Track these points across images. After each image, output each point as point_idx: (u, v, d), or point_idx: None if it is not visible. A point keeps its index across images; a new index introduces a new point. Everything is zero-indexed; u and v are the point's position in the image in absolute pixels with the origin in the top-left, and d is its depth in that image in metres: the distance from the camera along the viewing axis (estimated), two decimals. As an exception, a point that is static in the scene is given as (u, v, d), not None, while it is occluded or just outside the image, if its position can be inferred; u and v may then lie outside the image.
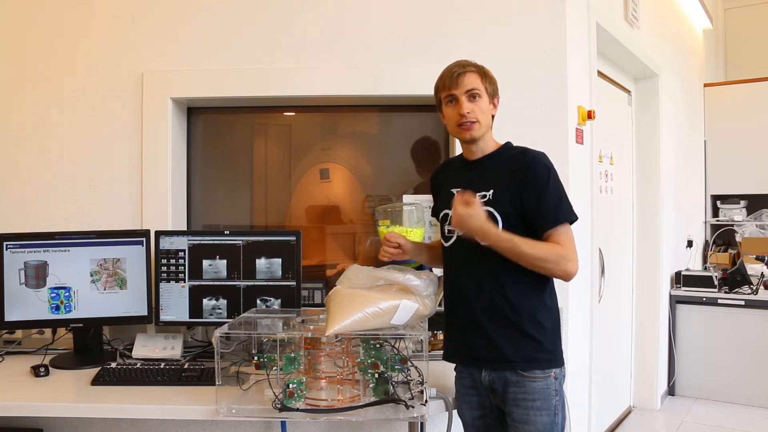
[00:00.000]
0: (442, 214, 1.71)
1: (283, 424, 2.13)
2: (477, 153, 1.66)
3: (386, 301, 1.52)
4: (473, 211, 1.50)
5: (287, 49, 2.31)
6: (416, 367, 1.54)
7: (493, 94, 1.65)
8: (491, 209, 1.57)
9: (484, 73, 1.63)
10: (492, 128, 1.68)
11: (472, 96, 1.60)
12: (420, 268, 2.18)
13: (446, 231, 1.68)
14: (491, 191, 1.59)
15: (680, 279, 3.96)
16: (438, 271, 2.30)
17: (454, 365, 1.72)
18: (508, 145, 1.68)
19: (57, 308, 2.05)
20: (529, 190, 1.55)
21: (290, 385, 1.50)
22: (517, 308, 1.55)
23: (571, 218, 1.58)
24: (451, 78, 1.61)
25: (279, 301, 2.06)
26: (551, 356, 1.58)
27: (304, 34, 2.31)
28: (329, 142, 2.59)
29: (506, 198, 1.57)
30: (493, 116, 1.66)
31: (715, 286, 3.87)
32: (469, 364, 1.65)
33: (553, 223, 1.54)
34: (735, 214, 4.62)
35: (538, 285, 1.58)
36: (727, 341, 3.84)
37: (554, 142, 2.29)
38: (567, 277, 1.55)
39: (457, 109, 1.60)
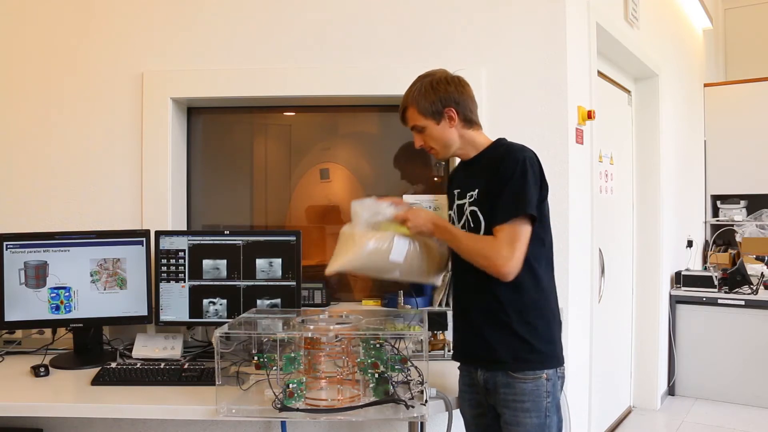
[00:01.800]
0: (448, 214, 1.73)
1: (283, 424, 2.13)
2: (465, 157, 1.68)
3: (381, 239, 1.59)
4: (416, 211, 1.63)
5: (287, 49, 2.31)
6: (416, 367, 1.54)
7: (439, 112, 1.59)
8: (476, 208, 1.58)
9: (417, 103, 1.60)
10: (477, 128, 1.66)
11: (417, 130, 1.64)
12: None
13: None
14: (476, 191, 1.59)
15: (680, 279, 3.96)
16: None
17: (458, 364, 1.73)
18: (497, 142, 1.65)
19: (57, 308, 2.05)
20: (494, 184, 1.54)
21: (290, 385, 1.50)
22: (505, 308, 1.55)
23: (524, 212, 1.49)
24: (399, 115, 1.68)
25: (279, 301, 2.06)
26: (541, 357, 1.55)
27: (304, 34, 2.31)
28: (329, 142, 2.59)
29: (486, 197, 1.56)
30: (458, 125, 1.61)
31: (715, 286, 3.87)
32: (467, 362, 1.67)
33: (502, 218, 1.50)
34: (735, 214, 4.62)
35: (529, 284, 1.56)
36: (727, 341, 3.84)
37: (554, 142, 2.30)
38: (501, 277, 1.50)
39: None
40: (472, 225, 1.59)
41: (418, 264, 1.65)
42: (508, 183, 1.50)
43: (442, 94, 1.60)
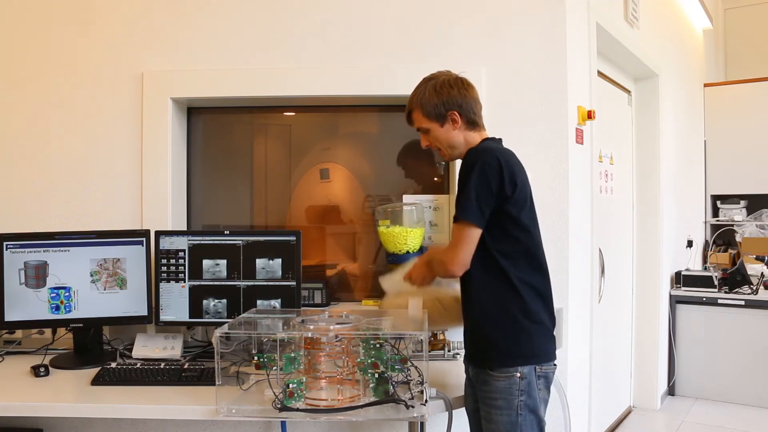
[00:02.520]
0: None
1: (283, 424, 2.13)
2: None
3: (398, 305, 1.80)
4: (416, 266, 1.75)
5: (287, 49, 2.31)
6: (416, 367, 1.54)
7: (442, 115, 1.65)
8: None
9: (421, 105, 1.66)
10: (480, 130, 1.70)
11: (423, 131, 1.70)
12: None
13: None
14: (456, 192, 1.64)
15: (680, 279, 3.96)
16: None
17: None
18: (483, 143, 1.68)
19: (57, 308, 2.05)
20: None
21: (290, 385, 1.50)
22: (474, 307, 1.61)
23: (462, 218, 1.54)
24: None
25: (279, 301, 2.06)
26: (509, 355, 1.56)
27: (304, 34, 2.31)
28: (329, 142, 2.59)
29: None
30: (461, 127, 1.66)
31: (715, 286, 3.87)
32: (466, 358, 1.72)
33: (454, 220, 1.58)
34: (735, 214, 4.62)
35: (495, 283, 1.57)
36: (727, 341, 3.84)
37: (554, 142, 2.29)
38: (449, 277, 1.63)
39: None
40: None
41: (438, 315, 1.77)
42: (458, 188, 1.58)
43: (446, 97, 1.64)
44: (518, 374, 1.54)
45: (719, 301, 3.84)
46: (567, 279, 2.29)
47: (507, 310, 1.57)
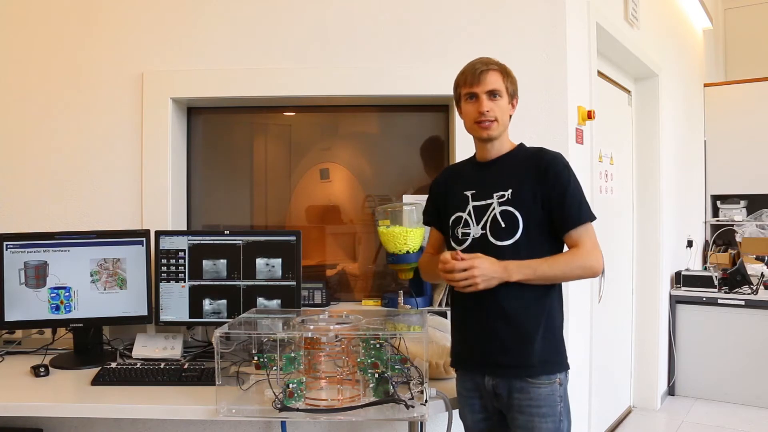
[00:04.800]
0: (454, 217, 1.65)
1: (283, 424, 2.13)
2: (492, 153, 1.64)
3: None
4: (482, 270, 1.49)
5: (287, 49, 2.31)
6: (416, 367, 1.54)
7: (513, 95, 1.65)
8: (511, 208, 1.56)
9: (506, 73, 1.63)
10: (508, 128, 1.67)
11: (493, 95, 1.59)
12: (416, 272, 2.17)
13: (459, 234, 1.63)
14: (509, 191, 1.57)
15: (680, 279, 3.96)
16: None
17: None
18: (522, 145, 1.68)
19: (57, 308, 2.05)
20: (552, 191, 1.55)
21: (290, 385, 1.50)
22: (526, 313, 1.54)
23: (592, 218, 1.60)
24: (473, 75, 1.60)
25: (279, 301, 2.06)
26: (555, 361, 1.57)
27: (305, 35, 2.31)
28: (329, 142, 2.59)
29: (526, 197, 1.56)
30: (510, 116, 1.65)
31: (715, 286, 3.87)
32: (475, 369, 1.62)
33: (576, 223, 1.56)
34: (735, 214, 4.62)
35: (547, 289, 1.57)
36: (727, 341, 3.84)
37: (554, 142, 2.29)
38: (596, 275, 1.64)
39: (477, 106, 1.59)
40: (503, 225, 1.56)
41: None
42: (568, 190, 1.56)
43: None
44: (557, 380, 1.55)
45: (719, 301, 3.84)
46: (567, 279, 2.29)
47: (554, 317, 1.59)
